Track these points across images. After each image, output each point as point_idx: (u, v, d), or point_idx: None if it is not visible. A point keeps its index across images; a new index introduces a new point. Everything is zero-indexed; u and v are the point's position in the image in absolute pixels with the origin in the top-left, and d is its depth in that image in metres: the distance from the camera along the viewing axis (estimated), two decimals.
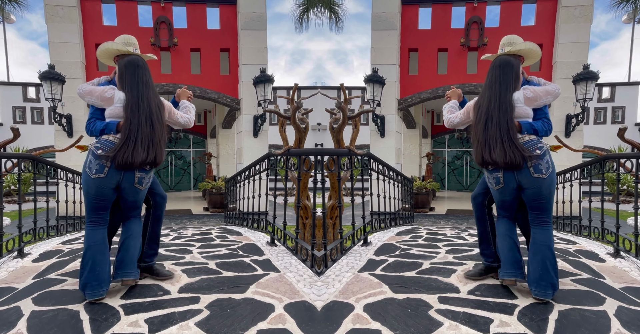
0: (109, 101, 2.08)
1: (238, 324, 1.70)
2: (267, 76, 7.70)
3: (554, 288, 1.93)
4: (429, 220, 7.33)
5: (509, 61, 2.12)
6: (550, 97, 2.11)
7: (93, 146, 1.98)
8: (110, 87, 2.10)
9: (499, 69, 2.10)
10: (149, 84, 2.10)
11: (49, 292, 2.05)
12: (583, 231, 4.07)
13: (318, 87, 15.51)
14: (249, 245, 3.36)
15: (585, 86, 7.02)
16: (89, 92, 2.10)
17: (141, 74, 2.10)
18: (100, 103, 2.09)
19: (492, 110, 2.02)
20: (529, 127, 2.05)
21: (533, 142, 1.99)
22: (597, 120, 14.57)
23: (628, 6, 13.92)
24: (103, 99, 2.08)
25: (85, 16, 8.02)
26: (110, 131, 2.04)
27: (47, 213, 3.76)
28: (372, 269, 2.56)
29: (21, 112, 14.28)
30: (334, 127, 4.12)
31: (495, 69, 2.12)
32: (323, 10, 13.13)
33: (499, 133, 1.98)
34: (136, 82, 2.07)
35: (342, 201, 3.27)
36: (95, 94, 2.09)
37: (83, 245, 1.99)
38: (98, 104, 2.10)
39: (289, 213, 7.22)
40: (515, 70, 2.10)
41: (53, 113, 7.46)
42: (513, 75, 2.09)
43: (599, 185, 3.69)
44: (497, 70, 2.11)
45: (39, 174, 3.40)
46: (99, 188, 1.97)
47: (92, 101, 2.11)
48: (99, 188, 1.97)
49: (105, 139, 2.00)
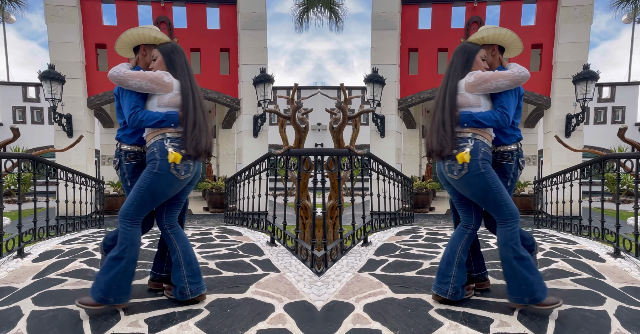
0: (167, 86, 1.84)
1: (238, 324, 1.70)
2: (267, 76, 7.70)
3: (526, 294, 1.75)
4: (429, 220, 7.33)
5: (463, 46, 1.97)
6: (503, 81, 1.79)
7: (170, 146, 1.79)
8: (165, 72, 1.86)
9: (454, 56, 1.97)
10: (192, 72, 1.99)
11: (48, 292, 2.05)
12: (583, 231, 4.07)
13: (318, 87, 15.51)
14: (248, 245, 3.36)
15: (585, 86, 7.02)
16: (138, 75, 1.78)
17: (187, 60, 1.98)
18: (155, 87, 1.81)
19: (439, 99, 1.92)
20: (467, 119, 1.82)
21: (459, 141, 1.82)
22: (597, 120, 14.58)
23: (628, 6, 13.90)
24: (160, 84, 1.81)
25: (85, 16, 8.01)
26: (170, 124, 1.81)
27: (47, 213, 3.76)
28: (372, 269, 2.56)
29: (21, 112, 14.29)
30: (334, 127, 4.12)
31: (452, 56, 1.98)
32: (323, 10, 13.12)
33: (437, 124, 1.88)
34: (188, 68, 1.94)
35: (342, 201, 3.27)
36: (149, 77, 1.79)
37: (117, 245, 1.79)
38: (149, 89, 1.81)
39: (288, 213, 7.22)
40: (468, 57, 1.92)
41: (53, 113, 7.46)
42: (463, 62, 1.92)
43: (599, 185, 3.69)
44: (452, 57, 1.97)
45: (39, 174, 3.40)
46: (181, 186, 1.87)
47: (140, 85, 1.79)
48: (181, 186, 1.87)
49: (174, 137, 1.82)
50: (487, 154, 1.84)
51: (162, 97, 1.84)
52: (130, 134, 1.95)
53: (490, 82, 1.80)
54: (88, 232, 4.68)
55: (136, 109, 1.81)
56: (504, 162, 1.97)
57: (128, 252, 1.79)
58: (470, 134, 1.83)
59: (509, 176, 1.98)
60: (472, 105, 1.85)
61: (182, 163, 1.80)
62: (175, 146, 1.80)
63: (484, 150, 1.82)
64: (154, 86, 1.81)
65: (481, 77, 1.82)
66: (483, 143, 1.84)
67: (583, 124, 7.78)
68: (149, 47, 2.02)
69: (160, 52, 1.95)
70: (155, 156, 1.78)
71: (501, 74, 1.80)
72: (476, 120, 1.81)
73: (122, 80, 1.78)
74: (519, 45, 2.03)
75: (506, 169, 1.97)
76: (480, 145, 1.82)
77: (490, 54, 2.02)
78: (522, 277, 1.76)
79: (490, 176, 1.79)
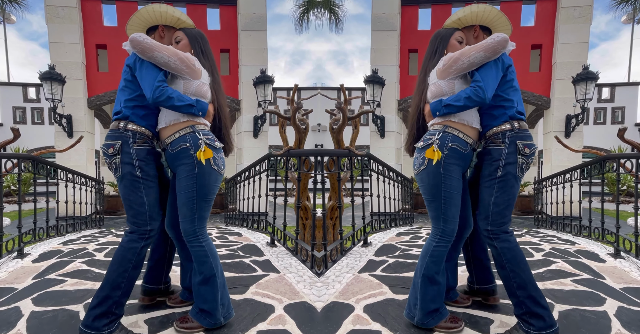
0: (197, 72, 1.62)
1: (238, 324, 1.70)
2: (267, 77, 7.71)
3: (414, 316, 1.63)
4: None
5: (435, 33, 1.77)
6: (476, 53, 1.51)
7: (206, 139, 1.58)
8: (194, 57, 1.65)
9: (428, 45, 1.78)
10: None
11: (48, 292, 2.05)
12: (583, 232, 4.07)
13: (318, 88, 15.52)
14: (249, 246, 3.36)
15: (585, 87, 7.03)
16: (167, 49, 1.53)
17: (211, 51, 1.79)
18: (183, 69, 1.56)
19: (415, 93, 1.78)
20: (437, 106, 1.59)
21: (428, 133, 1.65)
22: (597, 120, 14.59)
23: (627, 6, 13.93)
24: (190, 67, 1.58)
25: (86, 17, 8.03)
26: (199, 112, 1.58)
27: (47, 214, 3.76)
28: (372, 269, 2.55)
29: (21, 113, 14.30)
30: (334, 127, 4.12)
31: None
32: (323, 11, 13.14)
33: (410, 118, 1.77)
34: (213, 59, 1.77)
35: (342, 202, 3.27)
36: (179, 55, 1.55)
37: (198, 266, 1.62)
38: (175, 69, 1.55)
39: (289, 214, 7.21)
40: (440, 41, 1.71)
41: (53, 113, 7.46)
42: (434, 49, 1.71)
43: (599, 185, 3.69)
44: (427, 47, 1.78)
45: (39, 174, 3.40)
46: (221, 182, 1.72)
47: (166, 61, 1.52)
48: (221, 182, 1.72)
49: (204, 130, 1.62)
50: (456, 151, 1.56)
51: (189, 83, 1.60)
52: (143, 115, 1.61)
53: (462, 60, 1.55)
54: (88, 232, 4.68)
55: (164, 83, 1.53)
56: (491, 146, 1.60)
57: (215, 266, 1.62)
58: (441, 127, 1.60)
59: (498, 164, 1.56)
60: (447, 93, 1.61)
61: (219, 156, 1.63)
62: (209, 138, 1.59)
63: (451, 145, 1.56)
64: (183, 67, 1.56)
65: (449, 58, 1.58)
66: (454, 137, 1.57)
67: (583, 124, 7.79)
68: (169, 30, 1.75)
69: (187, 36, 1.72)
70: (189, 152, 1.55)
71: (471, 47, 1.55)
72: (446, 104, 1.56)
73: (147, 49, 1.50)
74: (504, 21, 1.72)
75: (493, 154, 1.59)
76: (448, 139, 1.56)
77: (473, 36, 1.74)
78: (416, 298, 1.62)
79: (446, 179, 1.56)
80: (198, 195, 1.57)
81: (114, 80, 8.01)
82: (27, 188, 10.03)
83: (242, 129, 8.50)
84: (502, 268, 1.58)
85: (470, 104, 1.53)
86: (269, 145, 8.89)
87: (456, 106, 1.54)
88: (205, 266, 1.60)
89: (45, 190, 3.81)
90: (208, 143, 1.58)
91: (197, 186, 1.56)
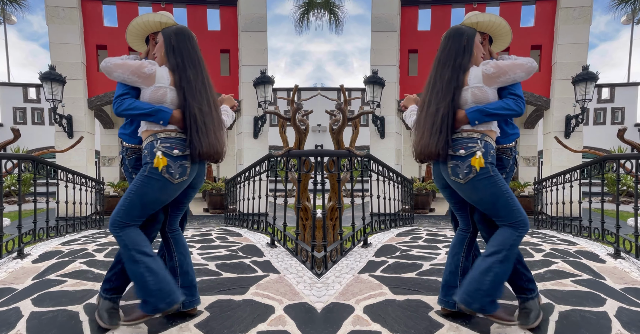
0: (149, 78, 1.61)
1: (238, 325, 1.70)
2: (267, 77, 7.71)
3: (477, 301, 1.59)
4: (429, 221, 7.32)
5: (458, 29, 1.70)
6: (520, 73, 1.59)
7: (161, 147, 1.59)
8: (149, 62, 1.64)
9: (447, 41, 1.70)
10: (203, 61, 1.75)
11: (48, 293, 2.05)
12: (583, 232, 4.07)
13: (318, 89, 15.52)
14: (249, 246, 3.36)
15: (585, 87, 7.04)
16: (122, 66, 1.60)
17: (197, 46, 1.72)
18: (136, 80, 1.62)
19: (437, 92, 1.65)
20: (478, 116, 1.58)
21: (464, 141, 1.61)
22: (597, 121, 14.59)
23: (627, 7, 13.93)
24: (141, 76, 1.61)
25: (86, 17, 8.03)
26: (159, 121, 1.59)
27: (47, 214, 3.77)
28: (372, 270, 2.55)
29: (22, 113, 14.31)
30: (334, 128, 4.12)
31: (442, 41, 1.72)
32: (323, 11, 13.16)
33: (438, 121, 1.61)
34: (197, 55, 1.71)
35: (342, 202, 3.27)
36: (130, 68, 1.60)
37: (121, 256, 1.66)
38: (131, 82, 1.62)
39: (289, 214, 7.22)
40: (468, 40, 1.66)
41: (53, 114, 7.47)
42: (462, 46, 1.65)
43: (599, 186, 3.69)
44: (445, 42, 1.70)
45: (39, 174, 3.40)
46: (176, 191, 1.66)
47: (122, 78, 1.62)
48: (176, 191, 1.66)
49: (165, 137, 1.61)
50: (494, 157, 1.67)
51: (144, 91, 1.64)
52: (130, 133, 1.77)
53: (509, 75, 1.59)
54: (88, 233, 4.68)
55: (124, 96, 1.62)
56: (502, 156, 1.81)
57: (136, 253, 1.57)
58: (479, 135, 1.62)
59: (505, 170, 1.81)
60: (489, 100, 1.61)
61: (176, 165, 1.60)
62: (166, 146, 1.59)
63: (492, 153, 1.65)
64: (135, 79, 1.61)
65: (501, 69, 1.59)
66: (492, 145, 1.66)
67: (582, 124, 7.79)
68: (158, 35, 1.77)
69: (162, 35, 1.72)
70: (146, 159, 1.61)
71: (517, 65, 1.59)
72: (489, 113, 1.58)
73: (109, 71, 1.62)
74: (508, 39, 1.83)
75: (504, 163, 1.81)
76: (489, 147, 1.63)
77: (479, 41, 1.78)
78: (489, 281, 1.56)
79: (500, 180, 1.62)
80: (135, 192, 1.60)
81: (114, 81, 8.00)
82: (27, 188, 10.04)
83: (242, 130, 8.51)
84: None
85: (513, 115, 1.64)
86: (269, 145, 8.90)
87: (499, 114, 1.61)
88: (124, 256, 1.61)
89: (46, 190, 3.81)
90: (164, 151, 1.59)
91: (138, 184, 1.60)
